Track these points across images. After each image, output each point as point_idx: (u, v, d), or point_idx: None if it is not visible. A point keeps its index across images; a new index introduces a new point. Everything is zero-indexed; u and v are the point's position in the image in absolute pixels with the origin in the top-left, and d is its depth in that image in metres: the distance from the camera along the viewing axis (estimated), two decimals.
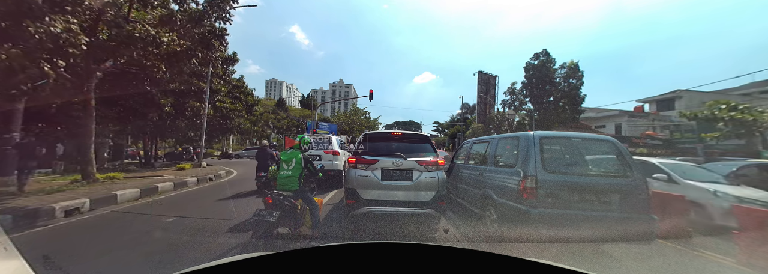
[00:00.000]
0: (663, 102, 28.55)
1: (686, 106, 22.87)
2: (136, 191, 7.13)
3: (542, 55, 28.38)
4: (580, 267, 0.95)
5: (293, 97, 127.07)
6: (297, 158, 4.03)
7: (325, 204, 6.37)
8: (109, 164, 15.97)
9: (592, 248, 3.86)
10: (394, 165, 4.69)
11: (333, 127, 34.39)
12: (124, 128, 14.81)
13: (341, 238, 4.29)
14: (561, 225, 3.53)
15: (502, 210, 4.13)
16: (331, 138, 10.20)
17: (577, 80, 26.93)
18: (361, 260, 1.06)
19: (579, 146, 4.20)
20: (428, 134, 10.75)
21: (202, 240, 4.02)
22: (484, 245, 4.12)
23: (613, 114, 29.83)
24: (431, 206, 4.57)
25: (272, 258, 1.04)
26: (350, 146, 10.93)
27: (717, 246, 4.33)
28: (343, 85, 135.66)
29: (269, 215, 3.56)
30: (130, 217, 5.48)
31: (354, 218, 4.91)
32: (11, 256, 1.00)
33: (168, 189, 8.25)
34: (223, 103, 18.96)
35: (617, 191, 3.74)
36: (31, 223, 4.73)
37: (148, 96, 11.94)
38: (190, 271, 0.90)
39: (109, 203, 6.23)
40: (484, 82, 35.12)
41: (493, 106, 34.51)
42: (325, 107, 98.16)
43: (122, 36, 7.61)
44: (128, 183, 8.41)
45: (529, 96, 28.93)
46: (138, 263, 3.25)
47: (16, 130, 7.87)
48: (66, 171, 12.07)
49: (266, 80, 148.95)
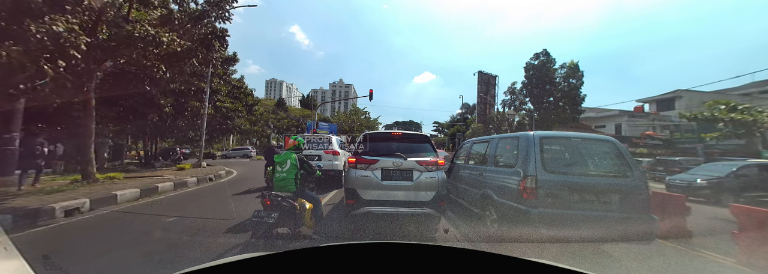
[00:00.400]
0: (663, 102, 28.57)
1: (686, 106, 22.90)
2: (136, 191, 7.13)
3: (542, 55, 28.42)
4: (580, 267, 0.95)
5: (293, 97, 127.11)
6: (291, 159, 4.02)
7: (325, 204, 6.37)
8: (109, 164, 15.97)
9: (592, 248, 3.86)
10: (394, 165, 4.68)
11: (333, 128, 34.41)
12: (124, 128, 14.81)
13: (341, 238, 4.28)
14: (561, 225, 3.53)
15: (502, 210, 4.12)
16: (331, 138, 10.19)
17: (577, 80, 26.97)
18: (362, 260, 1.06)
19: (579, 146, 4.20)
20: (428, 134, 10.74)
21: (202, 240, 4.02)
22: (484, 245, 4.12)
23: (613, 114, 29.85)
24: (431, 206, 4.56)
25: (272, 258, 1.04)
26: (350, 146, 10.93)
27: (717, 246, 4.33)
28: (343, 85, 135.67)
29: (268, 216, 3.55)
30: (130, 217, 5.48)
31: (354, 218, 4.92)
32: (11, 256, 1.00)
33: (168, 189, 8.25)
34: (223, 104, 18.98)
35: (617, 191, 3.74)
36: (31, 223, 4.72)
37: (148, 96, 11.94)
38: (190, 271, 0.90)
39: (109, 203, 6.23)
40: (484, 82, 35.17)
41: (493, 106, 34.55)
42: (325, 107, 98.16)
43: (122, 36, 7.60)
44: (128, 183, 8.41)
45: (529, 96, 28.98)
46: (138, 263, 3.25)
47: (16, 130, 7.86)
48: (66, 171, 12.08)
49: (266, 80, 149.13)
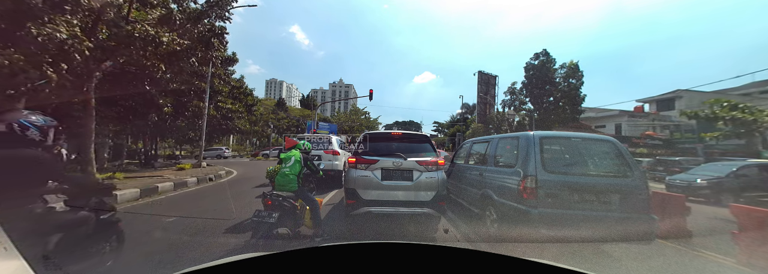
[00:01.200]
0: (663, 102, 28.54)
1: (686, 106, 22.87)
2: (136, 191, 7.12)
3: (542, 55, 28.42)
4: (580, 267, 0.95)
5: (293, 97, 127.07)
6: (296, 156, 4.12)
7: (325, 204, 6.37)
8: (109, 164, 15.96)
9: (592, 248, 3.85)
10: (394, 165, 4.68)
11: (333, 128, 34.39)
12: (124, 128, 14.82)
13: (341, 238, 4.28)
14: (561, 225, 3.53)
15: (502, 210, 4.12)
16: (331, 138, 10.20)
17: (577, 80, 26.98)
18: (362, 260, 1.06)
19: (579, 146, 4.20)
20: (428, 134, 10.75)
21: (202, 240, 4.02)
22: (484, 245, 4.12)
23: (613, 114, 29.83)
24: (431, 206, 4.56)
25: (272, 258, 1.04)
26: (350, 146, 10.92)
27: (717, 246, 4.33)
28: (343, 85, 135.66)
29: (269, 216, 3.55)
30: (130, 217, 5.47)
31: (354, 218, 4.91)
32: (11, 256, 1.00)
33: (168, 189, 8.25)
34: (225, 104, 18.98)
35: (617, 191, 3.73)
36: None
37: (148, 96, 11.94)
38: (190, 271, 0.90)
39: None
40: (484, 82, 35.17)
41: (493, 106, 34.55)
42: (325, 107, 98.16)
43: (122, 36, 7.60)
44: (128, 183, 8.40)
45: (529, 96, 28.98)
46: (138, 263, 3.24)
47: None
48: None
49: (266, 80, 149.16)
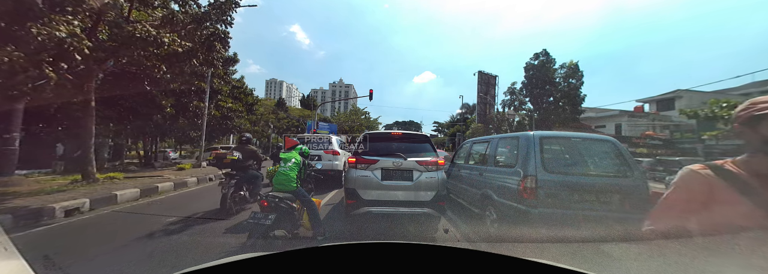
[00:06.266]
0: (663, 102, 28.51)
1: (686, 106, 22.81)
2: (136, 191, 7.13)
3: (542, 56, 28.41)
4: (580, 267, 0.95)
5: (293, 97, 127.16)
6: (296, 157, 4.17)
7: (325, 204, 6.36)
8: (109, 164, 15.97)
9: (592, 248, 3.85)
10: (394, 165, 4.68)
11: (333, 127, 34.33)
12: (124, 128, 14.82)
13: (341, 238, 4.28)
14: (561, 225, 3.53)
15: (502, 210, 4.12)
16: (331, 138, 10.19)
17: (577, 80, 26.97)
18: (362, 260, 1.06)
19: (579, 146, 4.20)
20: (428, 134, 10.74)
21: (202, 240, 4.02)
22: (484, 245, 4.12)
23: (613, 114, 29.80)
24: (431, 206, 4.56)
25: (272, 258, 1.03)
26: (350, 146, 10.92)
27: (717, 246, 4.32)
28: (343, 85, 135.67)
29: (265, 218, 3.49)
30: (130, 217, 5.48)
31: (354, 218, 4.91)
32: (11, 256, 1.00)
33: (168, 189, 8.25)
34: (226, 104, 18.97)
35: (617, 191, 3.73)
36: (31, 223, 4.72)
37: (149, 96, 11.94)
38: (190, 271, 0.90)
39: (109, 203, 6.23)
40: (484, 82, 35.17)
41: (493, 106, 34.54)
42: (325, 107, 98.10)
43: (123, 36, 7.60)
44: (128, 183, 8.40)
45: (529, 96, 28.95)
46: (138, 263, 3.25)
47: (16, 130, 7.86)
48: (66, 171, 12.06)
49: (266, 80, 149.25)
